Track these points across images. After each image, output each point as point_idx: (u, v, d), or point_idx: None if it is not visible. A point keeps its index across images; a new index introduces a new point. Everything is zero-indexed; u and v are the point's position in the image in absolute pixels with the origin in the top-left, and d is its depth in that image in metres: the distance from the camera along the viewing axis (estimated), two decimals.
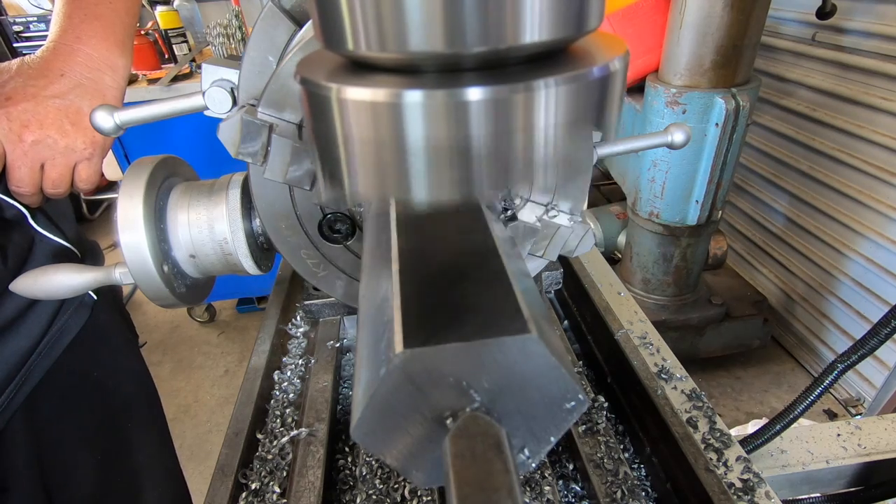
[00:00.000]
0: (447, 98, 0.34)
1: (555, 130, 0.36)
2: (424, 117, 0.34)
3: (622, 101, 0.41)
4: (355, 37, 0.34)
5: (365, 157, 0.38)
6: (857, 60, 2.73)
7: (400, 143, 0.35)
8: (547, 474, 0.81)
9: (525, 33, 0.33)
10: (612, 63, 0.37)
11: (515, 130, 0.35)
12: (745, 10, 2.16)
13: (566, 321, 1.24)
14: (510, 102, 0.34)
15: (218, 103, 0.69)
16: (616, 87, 0.39)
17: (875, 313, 2.82)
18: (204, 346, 3.92)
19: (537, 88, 0.34)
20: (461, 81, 0.34)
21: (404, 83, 0.35)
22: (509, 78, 0.35)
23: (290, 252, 0.84)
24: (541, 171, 0.38)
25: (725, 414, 3.07)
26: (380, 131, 0.36)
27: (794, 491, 1.06)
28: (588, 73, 0.36)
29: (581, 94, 0.36)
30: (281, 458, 0.85)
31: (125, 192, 0.75)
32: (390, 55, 0.34)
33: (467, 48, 0.33)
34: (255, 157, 0.65)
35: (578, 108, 0.37)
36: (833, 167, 2.96)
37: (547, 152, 0.37)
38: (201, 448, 3.11)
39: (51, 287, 0.77)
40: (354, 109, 0.36)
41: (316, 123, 0.39)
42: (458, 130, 0.35)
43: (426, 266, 0.47)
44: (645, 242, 2.92)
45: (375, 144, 0.36)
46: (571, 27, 0.35)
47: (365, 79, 0.37)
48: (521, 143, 0.36)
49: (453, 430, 0.39)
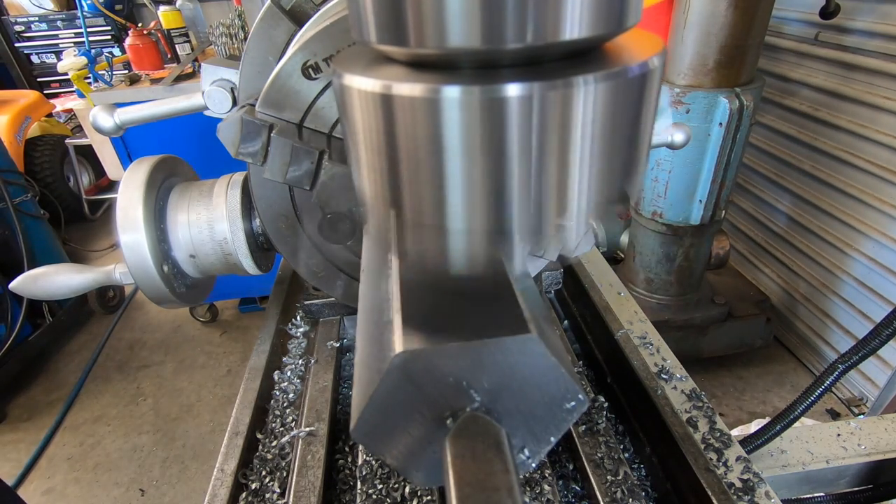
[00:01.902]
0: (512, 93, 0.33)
1: (594, 128, 0.35)
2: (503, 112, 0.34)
3: (658, 97, 0.40)
4: (418, 33, 0.33)
5: (410, 152, 0.37)
6: (861, 60, 2.72)
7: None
8: (547, 474, 0.81)
9: (568, 29, 0.33)
10: (651, 60, 0.37)
11: (570, 126, 0.35)
12: (748, 10, 2.16)
13: (566, 321, 1.24)
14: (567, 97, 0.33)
15: (218, 103, 0.69)
16: (656, 83, 0.38)
17: (878, 313, 2.81)
18: (206, 346, 3.92)
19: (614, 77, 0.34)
20: (518, 76, 0.33)
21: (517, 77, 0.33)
22: (561, 73, 0.34)
23: (290, 252, 0.84)
24: (581, 173, 0.37)
25: (728, 413, 3.07)
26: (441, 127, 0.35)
27: (794, 491, 1.06)
28: (629, 70, 0.35)
29: (622, 90, 0.36)
30: (281, 458, 0.85)
31: (125, 193, 0.75)
32: (454, 49, 0.33)
33: (509, 44, 0.32)
34: (255, 157, 0.65)
35: (619, 105, 0.36)
36: (836, 167, 2.95)
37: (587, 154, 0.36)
38: (204, 447, 3.12)
39: (51, 287, 0.78)
40: (414, 105, 0.35)
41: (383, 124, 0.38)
42: (506, 128, 0.34)
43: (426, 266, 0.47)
44: (648, 242, 2.91)
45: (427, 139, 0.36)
46: (613, 23, 0.34)
47: (419, 75, 0.36)
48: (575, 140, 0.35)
49: (453, 430, 0.39)
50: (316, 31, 0.67)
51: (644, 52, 0.37)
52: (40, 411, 3.44)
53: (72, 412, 3.42)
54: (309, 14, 0.76)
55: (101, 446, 3.17)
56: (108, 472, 3.01)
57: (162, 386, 3.59)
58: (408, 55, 0.36)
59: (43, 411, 3.43)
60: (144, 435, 3.22)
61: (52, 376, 3.71)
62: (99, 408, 3.44)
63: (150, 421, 3.32)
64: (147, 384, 3.61)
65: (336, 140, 0.74)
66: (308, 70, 0.68)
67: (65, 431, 3.29)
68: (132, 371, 3.73)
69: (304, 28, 0.71)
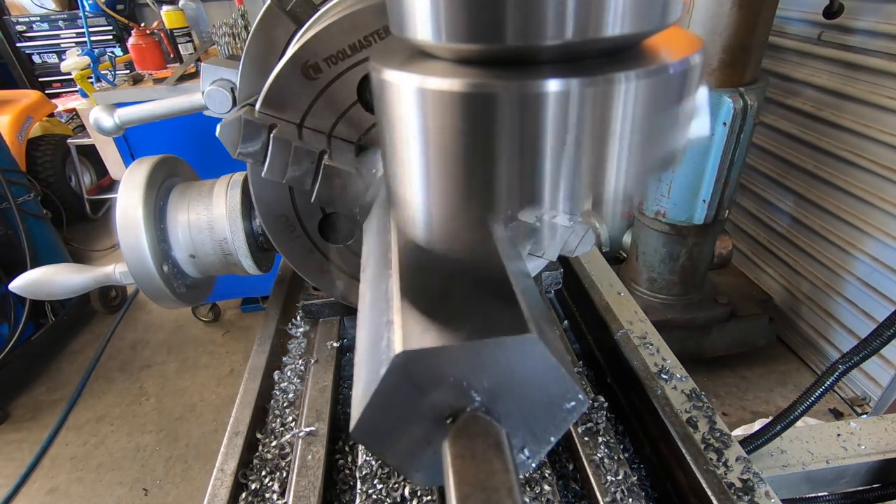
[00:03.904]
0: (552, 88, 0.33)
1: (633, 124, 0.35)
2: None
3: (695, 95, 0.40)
4: (466, 30, 0.33)
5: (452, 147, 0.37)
6: (864, 60, 2.71)
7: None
8: (547, 474, 0.81)
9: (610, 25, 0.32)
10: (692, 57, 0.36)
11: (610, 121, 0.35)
12: (753, 10, 2.15)
13: (566, 321, 1.24)
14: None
15: (218, 103, 0.69)
16: (695, 80, 0.38)
17: (882, 313, 2.80)
18: (209, 346, 3.93)
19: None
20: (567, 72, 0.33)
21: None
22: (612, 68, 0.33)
23: (290, 252, 0.84)
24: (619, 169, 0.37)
25: (731, 413, 3.06)
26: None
27: (794, 491, 1.06)
28: (670, 67, 0.35)
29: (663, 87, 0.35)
30: (281, 458, 0.85)
31: (125, 193, 0.75)
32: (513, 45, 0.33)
33: (551, 40, 0.32)
34: (255, 157, 0.65)
35: (658, 103, 0.36)
36: (839, 166, 2.94)
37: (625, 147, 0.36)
38: (207, 447, 3.13)
39: (51, 287, 0.78)
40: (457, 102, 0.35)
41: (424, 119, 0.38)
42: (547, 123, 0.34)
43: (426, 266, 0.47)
44: (651, 242, 2.91)
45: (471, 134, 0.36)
46: (655, 20, 0.34)
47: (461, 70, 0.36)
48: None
49: (453, 430, 0.39)
50: (316, 31, 0.67)
51: (683, 50, 0.37)
52: (43, 411, 3.45)
53: (75, 412, 3.43)
54: (309, 14, 0.76)
55: (105, 446, 3.18)
56: (111, 471, 3.02)
57: (165, 386, 3.60)
58: (452, 51, 0.36)
59: (46, 411, 3.44)
60: (147, 434, 3.23)
61: (54, 376, 3.72)
62: (102, 407, 3.45)
63: (153, 420, 3.32)
64: (150, 384, 3.62)
65: (336, 140, 0.74)
66: (308, 70, 0.68)
67: (68, 431, 3.30)
68: (135, 371, 3.74)
69: (304, 28, 0.71)
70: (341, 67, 0.69)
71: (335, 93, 0.71)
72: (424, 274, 0.45)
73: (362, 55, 0.69)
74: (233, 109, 0.70)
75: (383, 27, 0.68)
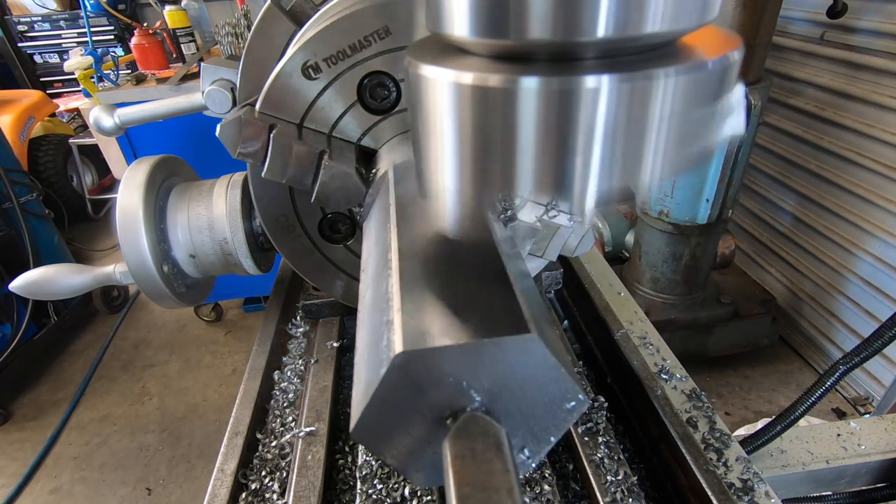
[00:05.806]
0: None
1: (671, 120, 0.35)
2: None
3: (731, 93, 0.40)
4: (507, 25, 0.33)
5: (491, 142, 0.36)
6: (867, 59, 2.70)
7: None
8: (547, 474, 0.81)
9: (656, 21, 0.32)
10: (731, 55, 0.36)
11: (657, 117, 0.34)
12: (757, 9, 2.15)
13: (566, 321, 1.23)
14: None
15: (218, 103, 0.69)
16: (733, 78, 0.38)
17: (884, 312, 2.79)
18: (211, 346, 3.94)
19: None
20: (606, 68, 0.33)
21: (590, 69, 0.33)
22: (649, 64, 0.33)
23: (290, 252, 0.84)
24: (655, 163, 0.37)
25: (734, 413, 3.06)
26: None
27: (794, 491, 1.06)
28: (708, 63, 0.35)
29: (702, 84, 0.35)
30: (281, 458, 0.85)
31: (125, 193, 0.75)
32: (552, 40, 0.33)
33: (592, 35, 0.32)
34: (255, 157, 0.65)
35: (696, 100, 0.36)
36: (841, 166, 2.93)
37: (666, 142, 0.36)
38: (210, 447, 3.13)
39: (51, 287, 0.78)
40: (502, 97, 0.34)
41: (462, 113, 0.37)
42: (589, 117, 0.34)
43: (426, 266, 0.46)
44: (654, 241, 2.90)
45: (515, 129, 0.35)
46: (694, 18, 0.34)
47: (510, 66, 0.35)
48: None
49: (453, 430, 0.38)
50: (316, 31, 0.67)
51: (720, 47, 0.37)
52: (46, 410, 3.46)
53: (77, 411, 3.44)
54: (309, 14, 0.76)
55: (108, 445, 3.18)
56: (114, 471, 3.03)
57: (167, 385, 3.60)
58: (490, 47, 0.36)
59: (49, 410, 3.45)
60: (150, 434, 3.23)
61: (57, 376, 3.73)
62: (104, 407, 3.46)
63: (155, 420, 3.33)
64: (152, 383, 3.62)
65: (336, 140, 0.74)
66: (308, 70, 0.68)
67: (71, 431, 3.31)
68: (137, 370, 3.74)
69: (304, 28, 0.71)
70: (341, 67, 0.69)
71: (335, 93, 0.71)
72: (424, 274, 0.45)
73: (362, 55, 0.69)
74: (233, 109, 0.70)
75: (383, 27, 0.68)
